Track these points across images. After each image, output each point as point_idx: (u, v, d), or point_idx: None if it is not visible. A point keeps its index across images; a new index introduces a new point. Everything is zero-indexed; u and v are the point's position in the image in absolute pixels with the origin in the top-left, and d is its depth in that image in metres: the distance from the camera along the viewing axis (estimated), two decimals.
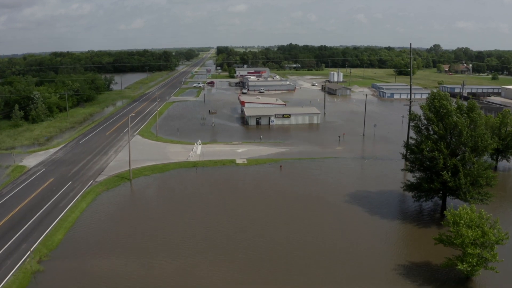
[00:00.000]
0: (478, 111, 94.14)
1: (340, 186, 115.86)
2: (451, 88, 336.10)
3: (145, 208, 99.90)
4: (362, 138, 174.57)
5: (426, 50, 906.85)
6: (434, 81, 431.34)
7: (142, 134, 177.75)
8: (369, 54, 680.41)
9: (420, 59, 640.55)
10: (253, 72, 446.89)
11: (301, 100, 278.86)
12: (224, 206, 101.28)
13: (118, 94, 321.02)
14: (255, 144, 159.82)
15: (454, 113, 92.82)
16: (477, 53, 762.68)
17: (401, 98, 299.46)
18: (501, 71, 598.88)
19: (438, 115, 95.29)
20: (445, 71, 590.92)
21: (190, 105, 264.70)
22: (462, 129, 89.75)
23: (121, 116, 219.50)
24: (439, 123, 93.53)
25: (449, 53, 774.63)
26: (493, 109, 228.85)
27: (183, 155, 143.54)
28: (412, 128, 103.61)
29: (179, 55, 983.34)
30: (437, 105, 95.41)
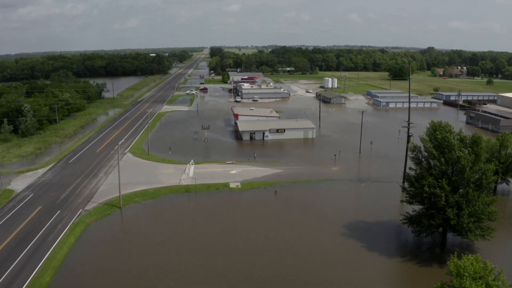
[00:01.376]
0: (482, 145, 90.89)
1: (337, 215, 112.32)
2: (446, 96, 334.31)
3: (136, 244, 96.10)
4: (358, 155, 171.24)
5: (420, 52, 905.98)
6: (429, 86, 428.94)
7: (133, 151, 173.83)
8: (363, 57, 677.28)
9: (415, 63, 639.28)
10: (246, 78, 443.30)
11: (296, 110, 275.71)
12: (218, 240, 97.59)
13: (110, 102, 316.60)
14: (249, 164, 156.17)
15: (457, 148, 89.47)
16: (471, 55, 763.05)
17: (396, 107, 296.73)
18: (495, 74, 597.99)
19: (440, 147, 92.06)
20: (440, 75, 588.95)
21: (183, 115, 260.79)
22: (466, 165, 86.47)
23: (112, 129, 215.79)
24: (441, 158, 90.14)
25: (443, 55, 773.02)
26: (490, 120, 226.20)
27: (175, 177, 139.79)
28: (411, 159, 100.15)
29: (172, 57, 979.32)
30: (439, 138, 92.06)
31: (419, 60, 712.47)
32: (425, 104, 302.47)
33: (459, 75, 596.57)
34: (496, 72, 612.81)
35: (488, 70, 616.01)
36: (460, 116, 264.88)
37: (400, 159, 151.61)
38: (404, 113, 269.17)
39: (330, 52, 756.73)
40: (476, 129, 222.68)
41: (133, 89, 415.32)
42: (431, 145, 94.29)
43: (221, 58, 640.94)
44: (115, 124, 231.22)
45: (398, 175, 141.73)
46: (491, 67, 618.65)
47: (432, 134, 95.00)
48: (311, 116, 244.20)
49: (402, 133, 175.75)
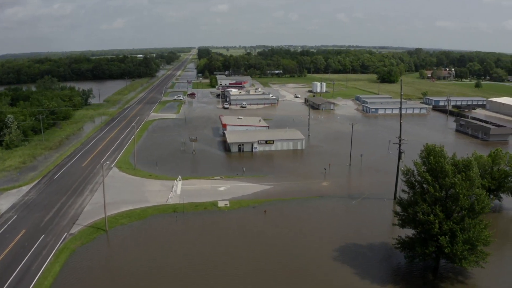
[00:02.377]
0: (475, 170, 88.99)
1: (328, 237, 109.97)
2: (435, 101, 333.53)
3: (122, 273, 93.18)
4: (348, 168, 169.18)
5: (408, 52, 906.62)
6: (418, 90, 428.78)
7: (119, 165, 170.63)
8: (352, 59, 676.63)
9: (403, 65, 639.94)
10: (234, 83, 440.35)
11: (284, 117, 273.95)
12: (206, 267, 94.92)
13: (96, 109, 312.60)
14: (238, 179, 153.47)
15: (451, 173, 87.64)
16: (459, 56, 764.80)
17: (385, 113, 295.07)
18: (483, 76, 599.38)
19: (434, 172, 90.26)
20: (428, 77, 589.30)
21: (171, 124, 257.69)
22: (460, 192, 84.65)
23: (98, 140, 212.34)
24: (435, 184, 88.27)
25: (431, 57, 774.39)
26: (480, 129, 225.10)
27: (162, 195, 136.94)
28: (404, 182, 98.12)
29: (160, 59, 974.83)
30: (433, 162, 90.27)
31: (407, 61, 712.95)
32: (414, 110, 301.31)
33: (447, 77, 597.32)
34: (484, 74, 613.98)
35: (476, 72, 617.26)
36: (449, 123, 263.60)
37: (390, 173, 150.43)
38: (393, 120, 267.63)
39: (318, 54, 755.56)
40: (466, 137, 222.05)
41: (120, 94, 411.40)
42: (424, 169, 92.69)
43: (209, 61, 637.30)
44: (101, 134, 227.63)
45: (389, 190, 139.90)
46: (479, 69, 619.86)
47: (426, 158, 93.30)
48: (300, 124, 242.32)
49: (393, 149, 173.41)
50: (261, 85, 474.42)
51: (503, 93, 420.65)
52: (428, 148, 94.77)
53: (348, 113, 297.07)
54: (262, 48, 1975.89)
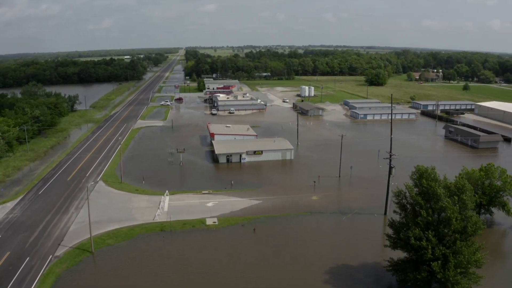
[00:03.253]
0: (469, 193, 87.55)
1: (318, 257, 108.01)
2: (423, 106, 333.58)
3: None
4: (338, 180, 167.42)
5: (395, 53, 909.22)
6: (406, 93, 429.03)
7: (106, 179, 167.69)
8: (340, 61, 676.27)
9: (390, 66, 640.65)
10: (222, 88, 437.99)
11: (273, 124, 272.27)
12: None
13: (82, 116, 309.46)
14: (226, 194, 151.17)
15: (443, 197, 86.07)
16: (447, 57, 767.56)
17: (374, 119, 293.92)
18: (471, 78, 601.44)
19: (426, 195, 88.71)
20: (416, 79, 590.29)
21: (158, 131, 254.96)
22: (452, 216, 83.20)
23: (84, 151, 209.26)
24: (428, 209, 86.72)
25: (419, 58, 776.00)
26: (470, 136, 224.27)
27: (149, 212, 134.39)
28: (396, 204, 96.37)
29: (147, 60, 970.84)
30: (425, 186, 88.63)
31: (395, 63, 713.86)
32: (403, 116, 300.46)
33: (435, 79, 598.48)
34: (471, 76, 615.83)
35: (464, 74, 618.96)
36: (438, 129, 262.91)
37: (380, 184, 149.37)
38: (382, 126, 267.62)
39: (306, 55, 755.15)
40: (455, 145, 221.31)
41: (107, 99, 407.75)
42: (417, 191, 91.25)
43: (197, 63, 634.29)
44: (87, 143, 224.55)
45: (379, 204, 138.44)
46: (467, 71, 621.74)
47: (418, 180, 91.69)
48: (289, 132, 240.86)
49: (383, 163, 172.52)
50: (249, 89, 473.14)
51: (490, 96, 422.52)
52: (419, 170, 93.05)
53: (337, 119, 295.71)
54: (249, 49, 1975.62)
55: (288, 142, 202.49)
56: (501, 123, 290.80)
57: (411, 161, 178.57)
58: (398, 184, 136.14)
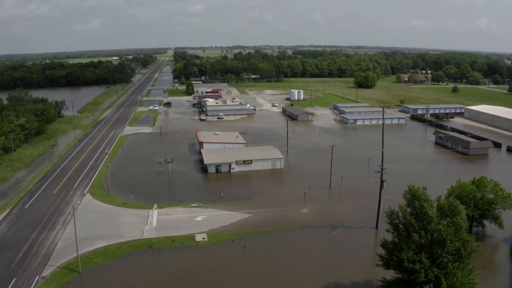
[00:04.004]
0: (462, 215, 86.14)
1: (309, 276, 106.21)
2: (413, 109, 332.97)
3: None
4: (328, 191, 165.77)
5: (384, 54, 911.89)
6: (395, 96, 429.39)
7: (93, 191, 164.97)
8: (329, 63, 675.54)
9: (379, 68, 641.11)
10: (211, 92, 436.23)
11: (262, 130, 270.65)
12: None
13: (69, 122, 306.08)
14: (216, 207, 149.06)
15: (436, 219, 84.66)
16: (435, 58, 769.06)
17: (364, 124, 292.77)
18: (460, 79, 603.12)
19: (419, 216, 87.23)
20: (405, 81, 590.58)
21: (146, 139, 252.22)
22: (447, 238, 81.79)
23: (71, 160, 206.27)
24: (420, 231, 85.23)
25: (407, 59, 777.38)
26: (460, 142, 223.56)
27: (137, 228, 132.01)
28: (388, 225, 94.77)
29: (136, 62, 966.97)
30: (417, 207, 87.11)
31: (384, 64, 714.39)
32: (392, 121, 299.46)
33: (424, 80, 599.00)
34: (460, 77, 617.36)
35: (452, 75, 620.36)
36: (428, 134, 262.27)
37: (371, 195, 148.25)
38: (372, 131, 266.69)
39: (295, 56, 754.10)
40: (445, 151, 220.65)
41: (94, 103, 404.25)
42: (409, 211, 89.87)
43: (185, 66, 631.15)
44: (74, 152, 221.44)
45: (370, 217, 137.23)
46: (456, 72, 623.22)
47: (410, 201, 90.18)
48: (278, 139, 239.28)
49: (375, 176, 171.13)
50: (238, 92, 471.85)
51: (479, 98, 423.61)
52: (412, 190, 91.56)
53: (327, 124, 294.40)
54: (238, 49, 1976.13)
55: (278, 150, 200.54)
56: (491, 127, 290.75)
57: (401, 170, 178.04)
58: (390, 197, 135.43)
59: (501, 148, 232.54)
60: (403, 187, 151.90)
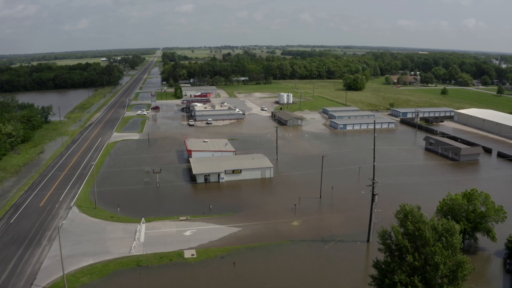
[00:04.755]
0: (457, 236, 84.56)
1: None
2: (403, 113, 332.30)
3: None
4: (319, 202, 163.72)
5: (372, 54, 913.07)
6: (385, 99, 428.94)
7: (80, 203, 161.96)
8: (318, 65, 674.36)
9: (368, 70, 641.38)
10: (199, 96, 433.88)
11: (251, 136, 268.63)
12: None
13: (56, 128, 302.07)
14: (205, 220, 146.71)
15: (432, 241, 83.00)
16: (424, 59, 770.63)
17: (354, 129, 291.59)
18: (448, 80, 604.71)
19: (412, 237, 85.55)
20: (394, 83, 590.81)
21: (134, 146, 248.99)
22: (440, 262, 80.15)
23: (58, 170, 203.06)
24: (414, 253, 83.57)
25: (396, 60, 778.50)
26: (451, 148, 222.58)
27: (125, 244, 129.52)
28: (381, 244, 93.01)
29: (124, 63, 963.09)
30: (411, 228, 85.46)
31: (373, 65, 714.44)
32: (382, 125, 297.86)
33: (413, 82, 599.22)
34: (449, 78, 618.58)
35: (441, 77, 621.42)
36: (418, 139, 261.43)
37: (362, 206, 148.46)
38: (362, 136, 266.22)
39: (284, 56, 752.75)
40: (436, 157, 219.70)
41: (82, 108, 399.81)
42: (402, 231, 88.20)
43: (174, 68, 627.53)
44: (61, 161, 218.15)
45: (361, 229, 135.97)
46: (445, 73, 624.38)
47: (403, 221, 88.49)
48: (268, 145, 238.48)
49: (366, 189, 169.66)
50: (226, 95, 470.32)
51: (468, 100, 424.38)
52: (404, 210, 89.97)
53: (316, 129, 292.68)
54: (227, 49, 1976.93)
55: (267, 159, 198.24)
56: (481, 131, 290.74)
57: (392, 179, 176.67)
58: (381, 210, 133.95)
59: (491, 154, 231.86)
60: (393, 198, 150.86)
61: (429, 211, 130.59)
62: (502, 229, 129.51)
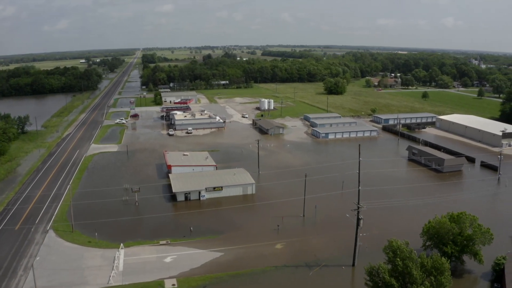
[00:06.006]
0: (447, 275, 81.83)
1: None
2: (384, 120, 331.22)
3: None
4: (302, 221, 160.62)
5: (353, 55, 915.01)
6: (366, 103, 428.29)
7: (56, 226, 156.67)
8: (298, 68, 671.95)
9: (349, 73, 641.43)
10: (179, 103, 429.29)
11: (232, 147, 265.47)
12: None
13: (33, 139, 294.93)
14: (186, 244, 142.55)
15: (419, 280, 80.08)
16: (404, 60, 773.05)
17: (336, 138, 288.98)
18: (429, 82, 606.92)
19: (401, 274, 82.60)
20: (374, 86, 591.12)
21: (112, 159, 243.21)
22: None
23: (34, 188, 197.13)
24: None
25: (376, 62, 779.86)
26: (434, 159, 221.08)
27: (103, 273, 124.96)
28: (368, 282, 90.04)
29: (103, 66, 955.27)
30: (400, 265, 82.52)
31: (353, 67, 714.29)
32: (364, 133, 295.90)
33: (394, 85, 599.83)
34: (429, 80, 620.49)
35: (421, 79, 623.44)
36: (401, 148, 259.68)
37: (346, 225, 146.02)
38: (345, 146, 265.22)
39: (264, 62, 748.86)
40: (419, 168, 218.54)
41: (59, 116, 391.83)
42: (390, 268, 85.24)
43: (153, 72, 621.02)
44: (38, 177, 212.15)
45: (347, 252, 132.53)
46: (425, 76, 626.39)
47: (392, 258, 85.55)
48: (249, 157, 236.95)
49: (351, 212, 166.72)
50: (207, 100, 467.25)
51: (450, 104, 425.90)
52: (392, 246, 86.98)
53: (298, 138, 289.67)
54: (207, 49, 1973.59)
55: (249, 174, 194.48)
56: (463, 138, 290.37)
57: (376, 193, 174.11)
58: (366, 234, 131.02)
59: (474, 163, 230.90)
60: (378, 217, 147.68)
61: (414, 233, 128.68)
62: (488, 251, 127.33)
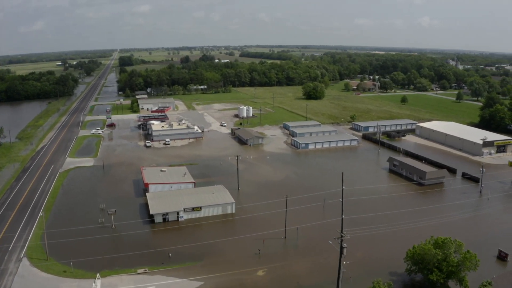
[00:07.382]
0: None
1: None
2: (364, 128, 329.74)
3: None
4: (284, 243, 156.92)
5: (331, 56, 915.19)
6: (345, 109, 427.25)
7: (30, 253, 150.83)
8: (277, 72, 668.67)
9: (327, 76, 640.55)
10: (156, 111, 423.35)
11: (211, 159, 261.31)
12: None
13: (6, 153, 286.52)
14: (164, 272, 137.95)
15: None
16: (382, 62, 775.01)
17: (316, 148, 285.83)
18: (407, 85, 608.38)
19: None
20: (353, 89, 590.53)
21: (88, 175, 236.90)
22: None
23: (7, 210, 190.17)
24: None
25: (354, 64, 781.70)
26: (415, 171, 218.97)
27: None
28: None
29: (80, 70, 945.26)
30: None
31: (331, 70, 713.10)
32: (345, 143, 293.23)
33: (372, 89, 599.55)
34: (408, 83, 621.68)
35: (400, 82, 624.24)
36: (382, 159, 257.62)
37: (328, 247, 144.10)
38: (325, 157, 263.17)
39: (242, 65, 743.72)
40: (400, 180, 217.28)
41: (34, 125, 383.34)
42: None
43: (130, 77, 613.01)
44: (10, 197, 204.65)
45: (330, 278, 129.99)
46: (403, 79, 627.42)
47: None
48: (228, 170, 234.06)
49: (334, 239, 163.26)
50: (185, 107, 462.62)
51: (429, 108, 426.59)
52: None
53: (278, 149, 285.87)
54: (185, 50, 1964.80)
55: (228, 193, 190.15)
56: (444, 146, 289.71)
57: (357, 209, 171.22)
58: (350, 262, 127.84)
59: (456, 174, 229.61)
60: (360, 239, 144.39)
61: (397, 259, 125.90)
62: (473, 275, 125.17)
